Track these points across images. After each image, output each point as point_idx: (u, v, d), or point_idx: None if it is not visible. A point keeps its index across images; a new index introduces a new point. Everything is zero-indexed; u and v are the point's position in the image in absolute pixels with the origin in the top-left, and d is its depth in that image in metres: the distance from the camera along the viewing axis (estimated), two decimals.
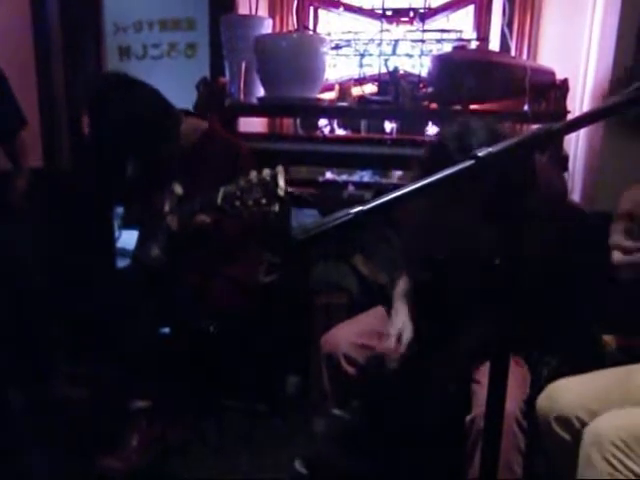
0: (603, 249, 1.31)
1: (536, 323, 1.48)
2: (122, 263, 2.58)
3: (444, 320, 1.53)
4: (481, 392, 1.39)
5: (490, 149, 0.74)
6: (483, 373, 1.45)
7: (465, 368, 1.51)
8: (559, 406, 1.26)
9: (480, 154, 0.73)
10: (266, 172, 1.52)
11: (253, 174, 1.53)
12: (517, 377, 1.42)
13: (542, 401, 1.31)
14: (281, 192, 1.50)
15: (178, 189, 1.83)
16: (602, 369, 1.36)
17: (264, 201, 1.51)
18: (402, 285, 1.68)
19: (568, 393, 1.28)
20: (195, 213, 1.74)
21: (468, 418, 1.38)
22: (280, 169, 1.52)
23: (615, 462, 1.06)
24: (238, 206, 1.54)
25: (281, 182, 1.50)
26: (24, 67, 2.71)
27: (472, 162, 0.74)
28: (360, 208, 0.72)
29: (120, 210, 2.39)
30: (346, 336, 1.61)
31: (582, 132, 2.25)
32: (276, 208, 1.51)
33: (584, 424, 1.19)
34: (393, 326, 1.56)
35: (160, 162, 1.92)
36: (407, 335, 1.53)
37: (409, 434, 1.58)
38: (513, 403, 1.30)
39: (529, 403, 1.39)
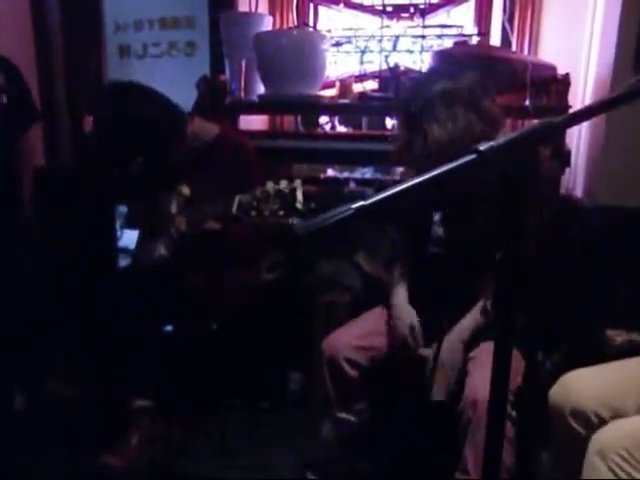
0: (604, 243, 1.30)
1: (538, 316, 1.49)
2: (124, 262, 2.59)
3: (441, 311, 1.55)
4: (470, 383, 1.41)
5: (492, 143, 0.74)
6: (473, 364, 1.47)
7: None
8: (574, 398, 1.24)
9: (482, 148, 0.73)
10: (284, 184, 1.54)
11: (269, 185, 1.55)
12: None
13: (555, 393, 1.30)
14: (299, 205, 1.53)
15: (185, 190, 1.85)
16: (606, 363, 1.36)
17: (282, 213, 1.53)
18: (399, 270, 1.72)
19: (583, 385, 1.26)
20: (205, 218, 1.75)
21: (459, 408, 1.40)
22: (298, 182, 1.55)
23: (619, 472, 1.06)
24: (253, 215, 1.56)
25: (299, 196, 1.53)
26: (25, 66, 2.70)
27: (474, 156, 0.73)
28: (361, 203, 0.72)
29: (122, 209, 2.39)
30: (346, 339, 1.62)
31: (584, 127, 2.24)
32: (295, 221, 1.53)
33: (603, 421, 1.18)
34: (402, 324, 1.58)
35: (165, 165, 1.93)
36: (417, 326, 1.58)
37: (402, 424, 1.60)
38: None
39: (521, 393, 1.40)
